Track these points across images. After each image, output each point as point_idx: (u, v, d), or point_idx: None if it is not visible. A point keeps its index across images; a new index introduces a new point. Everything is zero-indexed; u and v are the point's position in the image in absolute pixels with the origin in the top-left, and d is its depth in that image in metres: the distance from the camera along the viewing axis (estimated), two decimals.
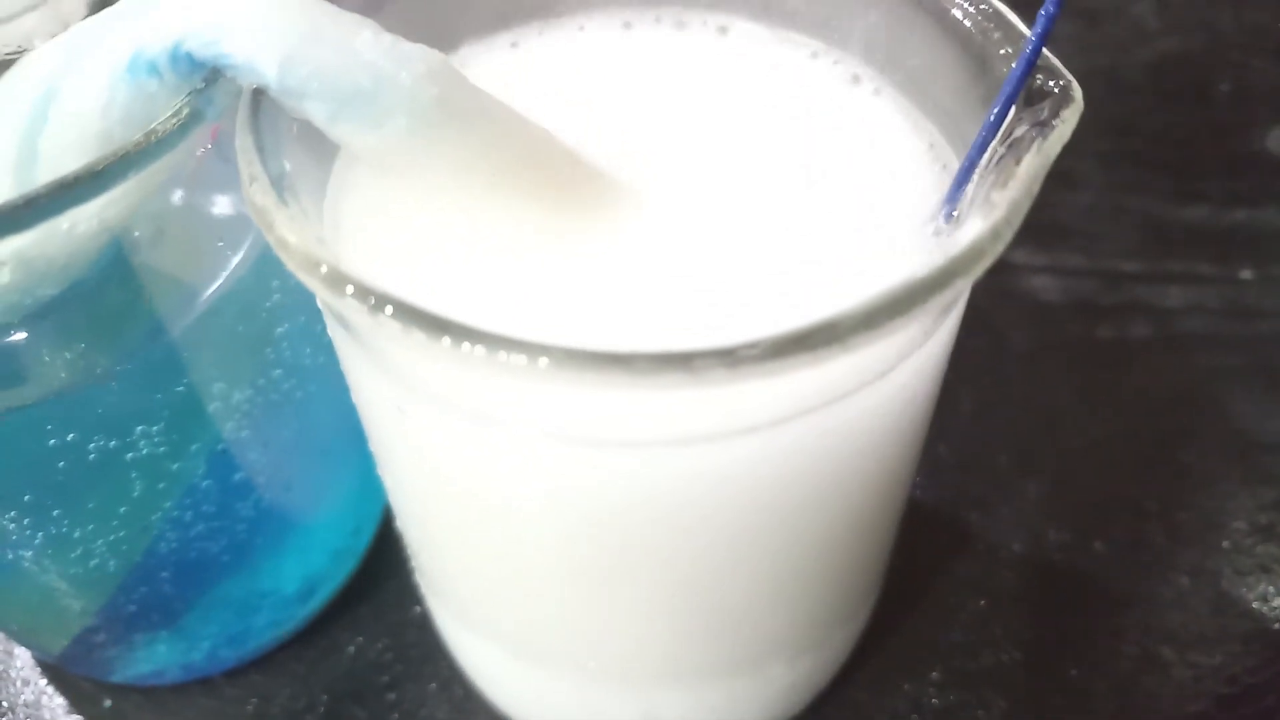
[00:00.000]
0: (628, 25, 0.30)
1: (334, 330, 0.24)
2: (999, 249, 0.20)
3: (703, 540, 0.24)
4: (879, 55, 0.28)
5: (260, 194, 0.20)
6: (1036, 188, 0.21)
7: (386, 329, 0.18)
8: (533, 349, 0.18)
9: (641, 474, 0.22)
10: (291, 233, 0.19)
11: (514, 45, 0.29)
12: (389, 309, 0.18)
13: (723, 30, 0.30)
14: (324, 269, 0.19)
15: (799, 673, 0.31)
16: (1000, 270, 0.25)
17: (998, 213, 0.20)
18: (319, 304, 0.24)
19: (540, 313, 0.23)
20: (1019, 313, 0.45)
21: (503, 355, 0.18)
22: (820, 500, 0.25)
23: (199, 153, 0.28)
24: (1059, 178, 0.21)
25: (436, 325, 0.18)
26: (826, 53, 0.29)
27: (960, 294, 0.23)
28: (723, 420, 0.21)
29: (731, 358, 0.17)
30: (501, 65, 0.29)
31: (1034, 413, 0.42)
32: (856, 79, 0.28)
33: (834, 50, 0.29)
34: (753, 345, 0.17)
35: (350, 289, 0.18)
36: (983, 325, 0.24)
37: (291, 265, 0.19)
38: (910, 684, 0.35)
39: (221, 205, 0.29)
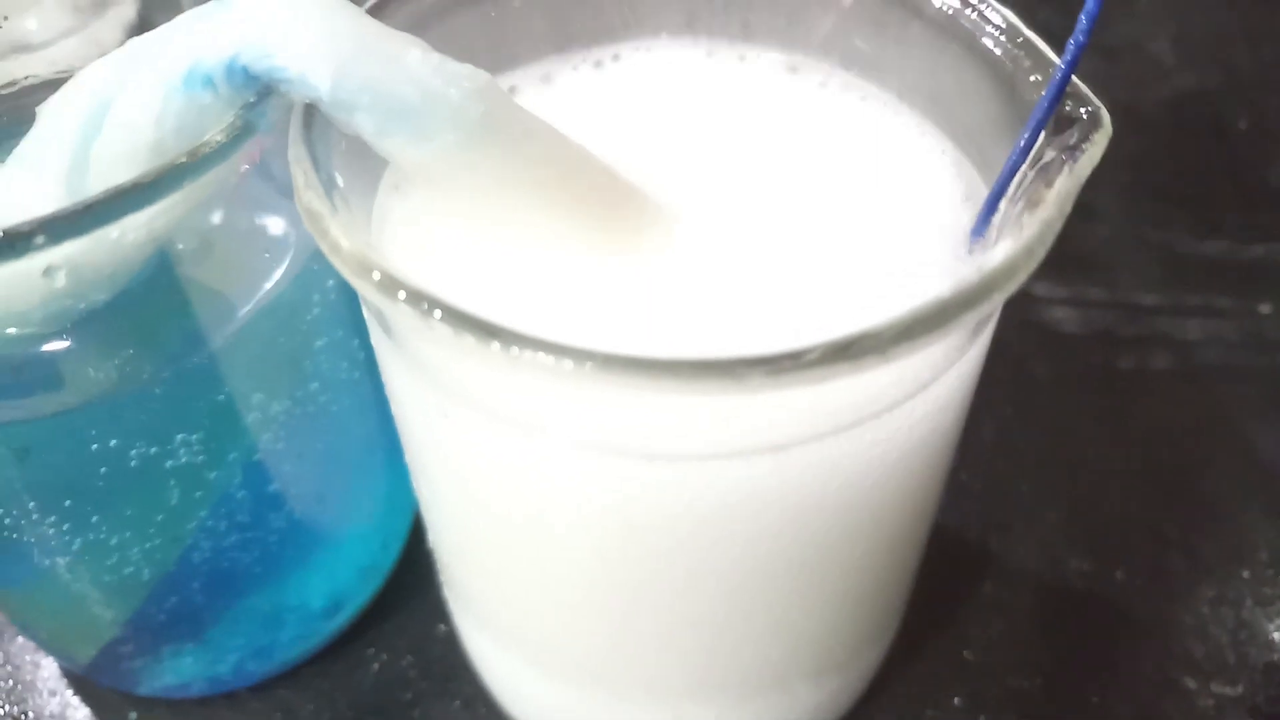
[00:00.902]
0: (649, 49, 0.30)
1: (378, 338, 0.24)
2: (1033, 265, 0.20)
3: (736, 556, 0.24)
4: (908, 83, 0.29)
5: (315, 200, 0.20)
6: (1068, 208, 0.22)
7: (437, 333, 0.19)
8: (580, 354, 0.18)
9: (677, 488, 0.22)
10: (345, 238, 0.20)
11: (545, 79, 0.30)
12: (439, 313, 0.19)
13: (744, 59, 0.31)
14: (377, 275, 0.19)
15: (825, 692, 0.31)
16: (1021, 301, 0.26)
17: (1032, 229, 0.21)
18: (364, 313, 0.25)
19: (579, 326, 0.23)
20: (1039, 343, 0.46)
21: (550, 360, 0.18)
22: (852, 519, 0.25)
23: (242, 169, 0.28)
24: (1079, 211, 0.21)
25: (487, 330, 0.18)
26: (855, 80, 0.30)
27: (994, 311, 0.24)
28: (758, 435, 0.22)
29: (775, 365, 0.18)
30: (536, 96, 0.29)
31: (1055, 442, 0.42)
32: (886, 105, 0.29)
33: (864, 79, 0.29)
34: (798, 353, 0.18)
35: (402, 294, 0.19)
36: (1004, 355, 0.25)
37: (345, 270, 0.20)
38: (933, 710, 0.35)
39: (263, 222, 0.29)
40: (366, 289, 0.19)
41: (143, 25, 0.37)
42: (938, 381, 0.23)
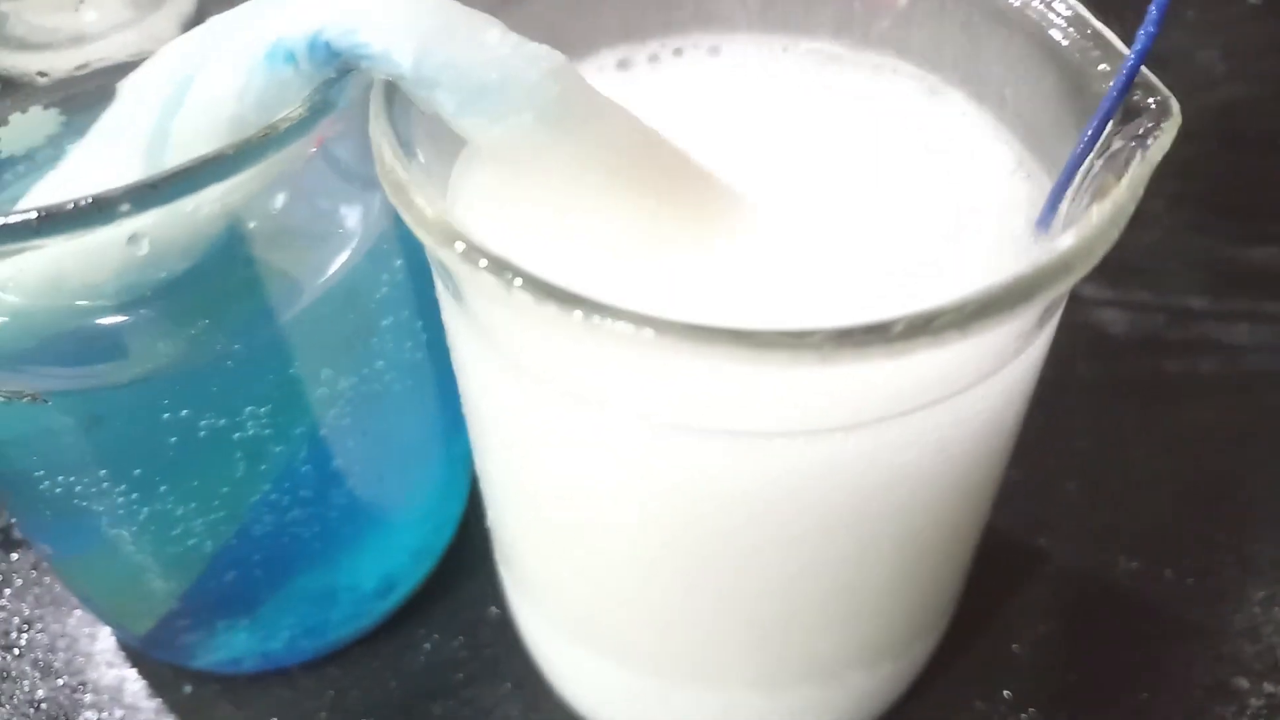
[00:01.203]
0: (714, 50, 0.31)
1: (449, 313, 0.25)
2: (1106, 246, 0.20)
3: (801, 536, 0.24)
4: (972, 76, 0.29)
5: (400, 171, 0.21)
6: (1140, 194, 0.22)
7: (517, 301, 0.19)
8: (662, 324, 0.18)
9: (745, 465, 0.23)
10: (430, 208, 0.20)
11: (618, 66, 0.30)
12: (520, 281, 0.19)
13: (806, 52, 0.31)
14: (460, 244, 0.19)
15: (877, 681, 0.31)
16: (1069, 303, 0.26)
17: (1105, 211, 0.21)
18: (437, 287, 0.25)
19: (652, 303, 0.23)
20: (1087, 345, 0.46)
21: (631, 329, 0.18)
22: (915, 503, 0.25)
23: (309, 152, 0.29)
24: None
25: (568, 298, 0.19)
26: (919, 73, 0.30)
27: (1063, 297, 0.24)
28: (829, 414, 0.22)
29: (858, 337, 0.18)
30: (608, 83, 0.30)
31: (1102, 443, 0.42)
32: (950, 100, 0.29)
33: (928, 71, 0.30)
34: (883, 325, 0.18)
35: (484, 262, 0.19)
36: (1052, 355, 0.25)
37: (429, 240, 0.20)
38: (981, 702, 0.35)
39: (328, 204, 0.30)
40: (449, 258, 0.20)
41: (199, 19, 0.38)
42: (1006, 369, 0.23)
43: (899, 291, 0.24)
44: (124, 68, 0.28)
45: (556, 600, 0.30)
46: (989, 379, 0.23)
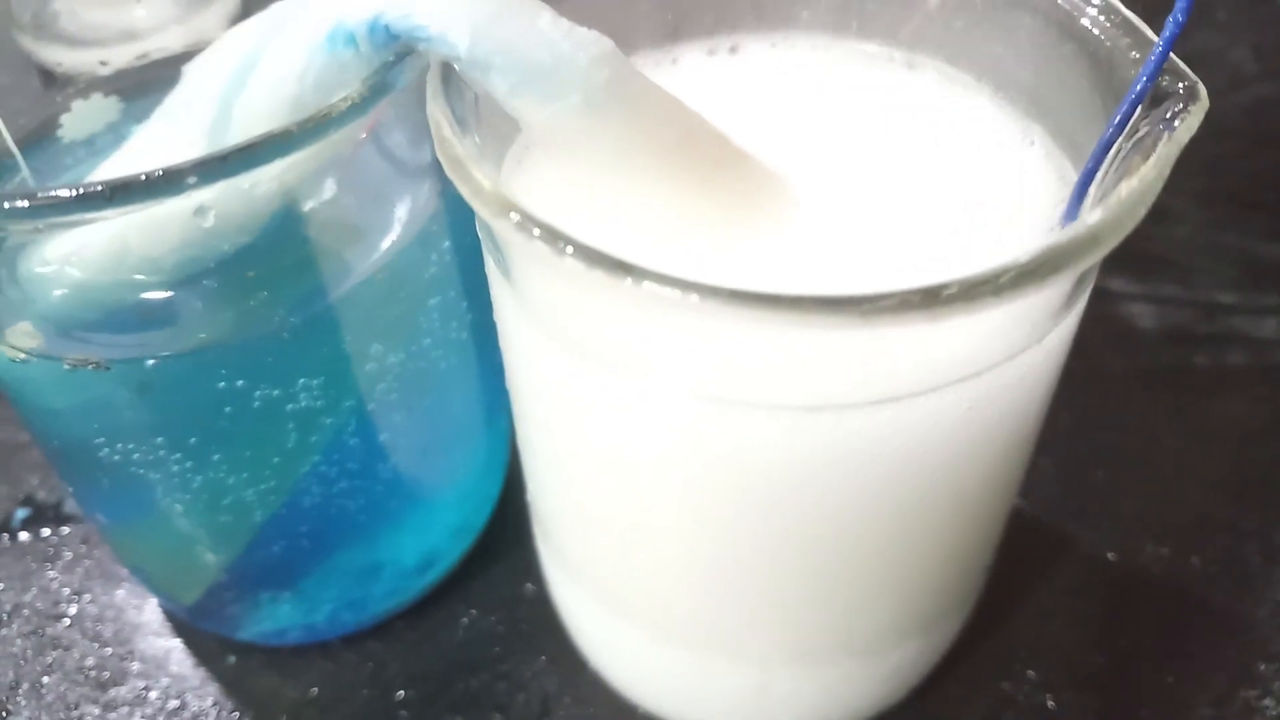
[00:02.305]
0: (774, 45, 0.32)
1: (498, 288, 0.26)
2: (1135, 221, 0.21)
3: (841, 509, 0.25)
4: (1001, 68, 0.30)
5: (457, 146, 0.22)
6: (1167, 172, 0.22)
7: (569, 269, 0.20)
8: (708, 289, 0.19)
9: (785, 439, 0.23)
10: (486, 179, 0.21)
11: (675, 61, 0.31)
12: (571, 249, 0.20)
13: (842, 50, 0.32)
14: (515, 215, 0.20)
15: (906, 657, 0.32)
16: (1097, 297, 0.26)
17: (1132, 187, 0.21)
18: (486, 261, 0.26)
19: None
20: (1115, 338, 0.46)
21: (678, 294, 0.19)
22: (948, 478, 0.26)
23: (361, 137, 0.30)
24: (1155, 213, 0.22)
25: (618, 265, 0.20)
26: (952, 70, 0.30)
27: (1092, 272, 0.25)
28: (866, 388, 0.23)
29: (902, 300, 0.19)
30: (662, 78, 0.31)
31: (1131, 434, 0.43)
32: (980, 93, 0.30)
33: (961, 69, 0.30)
34: (935, 289, 0.19)
35: (538, 231, 0.20)
36: (1079, 348, 0.26)
37: (486, 211, 0.21)
38: (1008, 681, 0.35)
39: (380, 186, 0.31)
40: (504, 229, 0.21)
41: (246, 18, 0.39)
42: (1036, 346, 0.24)
43: (930, 270, 0.25)
44: (181, 58, 0.29)
45: (595, 573, 0.31)
46: (1019, 356, 0.24)
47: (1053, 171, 0.28)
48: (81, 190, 0.22)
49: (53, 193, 0.22)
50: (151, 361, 0.27)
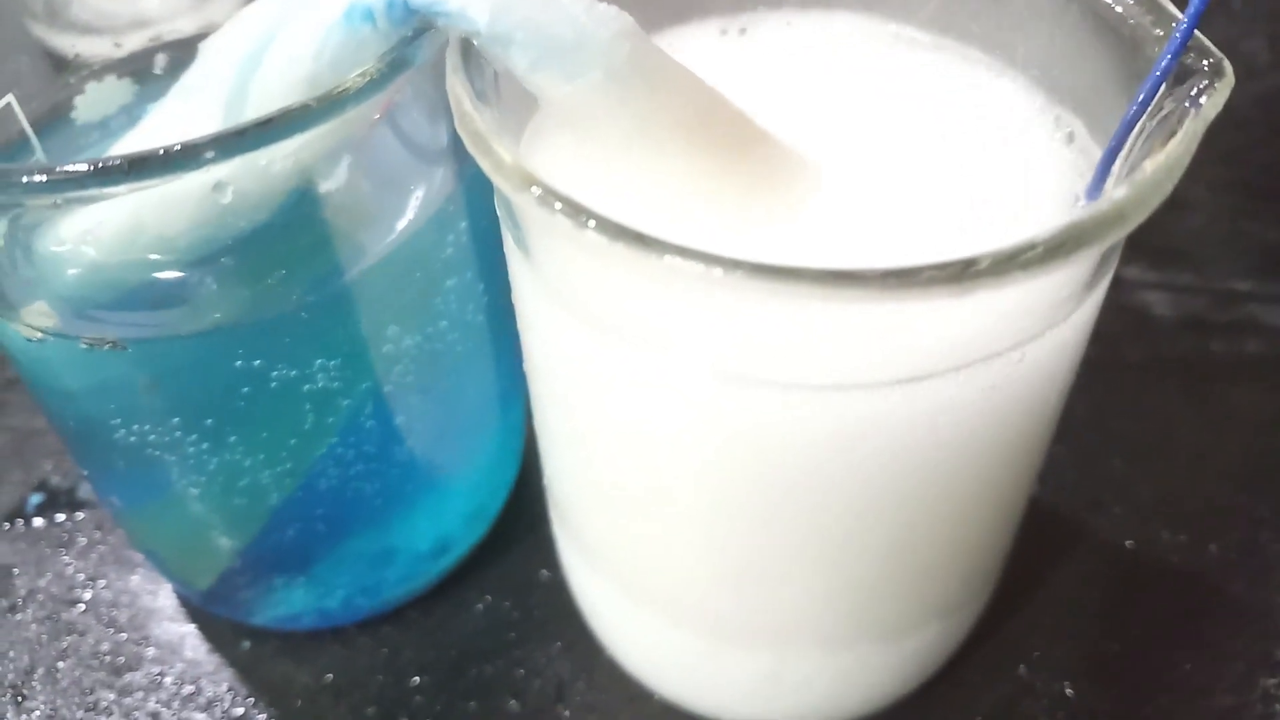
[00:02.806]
0: (790, 24, 0.32)
1: (516, 266, 0.26)
2: (1160, 198, 0.21)
3: (859, 490, 0.25)
4: (1022, 47, 0.30)
5: (478, 121, 0.22)
6: (1194, 149, 0.22)
7: (590, 242, 0.20)
8: (729, 262, 0.19)
9: (803, 417, 0.23)
10: (508, 154, 0.21)
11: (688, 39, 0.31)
12: (593, 222, 0.20)
13: (857, 29, 0.31)
14: (537, 189, 0.20)
15: (926, 641, 0.32)
16: (1113, 284, 0.26)
17: (1159, 163, 0.21)
18: (505, 239, 0.26)
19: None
20: (1131, 326, 0.46)
21: (701, 267, 0.19)
22: (967, 461, 0.26)
23: (375, 117, 0.30)
24: (1171, 202, 0.22)
25: (639, 238, 0.19)
26: (977, 52, 0.30)
27: (1114, 254, 0.24)
28: (886, 368, 0.22)
29: (924, 275, 0.19)
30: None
31: (1147, 421, 0.43)
32: (998, 72, 0.30)
33: (984, 50, 0.30)
34: (955, 263, 0.19)
35: (559, 204, 0.20)
36: (1095, 336, 0.26)
37: (507, 186, 0.21)
38: (1025, 666, 0.35)
39: (394, 169, 0.31)
40: (525, 203, 0.21)
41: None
42: (1056, 328, 0.24)
43: (954, 251, 0.25)
44: (194, 40, 0.29)
45: (612, 556, 0.31)
46: (1041, 336, 0.24)
47: (1075, 150, 0.28)
48: (100, 164, 0.22)
49: (71, 167, 0.22)
50: (168, 341, 0.27)
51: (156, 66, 0.35)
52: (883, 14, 0.31)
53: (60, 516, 0.41)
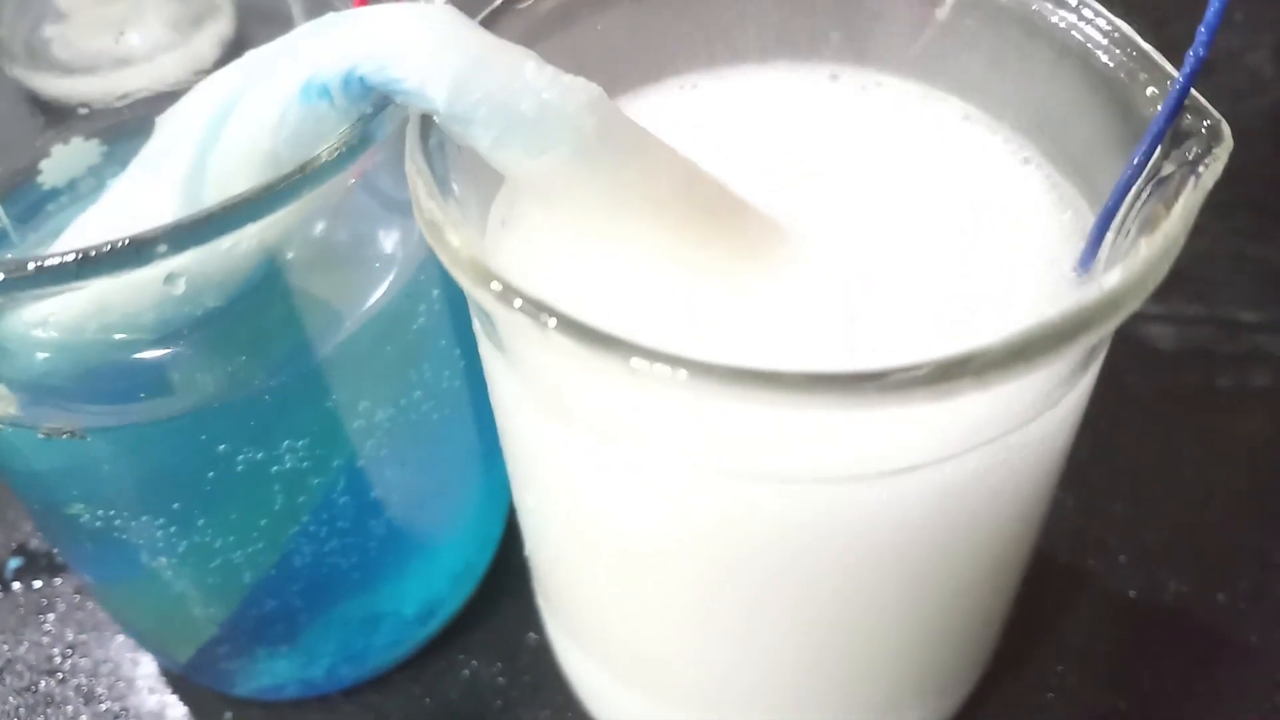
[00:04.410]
0: (742, 71, 0.30)
1: (486, 350, 0.25)
2: (1153, 284, 0.20)
3: (839, 582, 0.24)
4: (1008, 101, 0.28)
5: (435, 210, 0.21)
6: (1191, 223, 0.21)
7: (553, 342, 0.19)
8: (697, 366, 0.18)
9: (782, 510, 0.22)
10: (465, 248, 0.20)
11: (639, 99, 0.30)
12: (555, 322, 0.19)
13: (836, 79, 0.30)
14: (496, 285, 0.19)
15: (925, 715, 0.31)
16: None
17: (1155, 245, 0.20)
18: (474, 324, 0.25)
19: (692, 341, 0.23)
20: (1136, 360, 0.45)
21: (667, 370, 0.18)
22: (956, 548, 0.25)
23: (350, 183, 0.29)
24: None
25: (603, 339, 0.18)
26: (960, 103, 0.29)
27: (1106, 339, 0.23)
28: (865, 461, 0.21)
29: (886, 380, 0.18)
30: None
31: (1153, 460, 0.42)
32: (986, 126, 0.28)
33: (968, 100, 0.29)
34: (911, 368, 0.17)
35: (519, 302, 0.19)
36: (1100, 371, 0.25)
37: (464, 280, 0.20)
38: None
39: (370, 234, 0.30)
40: (485, 298, 0.20)
41: (239, 41, 0.38)
42: (1048, 413, 0.23)
43: (938, 331, 0.24)
44: (164, 98, 0.28)
45: (593, 634, 0.30)
46: (1030, 424, 0.22)
47: (1068, 212, 0.27)
48: (45, 264, 0.21)
49: (16, 268, 0.21)
50: (128, 429, 0.26)
51: (124, 126, 0.34)
52: (874, 65, 0.30)
53: (38, 582, 0.40)
